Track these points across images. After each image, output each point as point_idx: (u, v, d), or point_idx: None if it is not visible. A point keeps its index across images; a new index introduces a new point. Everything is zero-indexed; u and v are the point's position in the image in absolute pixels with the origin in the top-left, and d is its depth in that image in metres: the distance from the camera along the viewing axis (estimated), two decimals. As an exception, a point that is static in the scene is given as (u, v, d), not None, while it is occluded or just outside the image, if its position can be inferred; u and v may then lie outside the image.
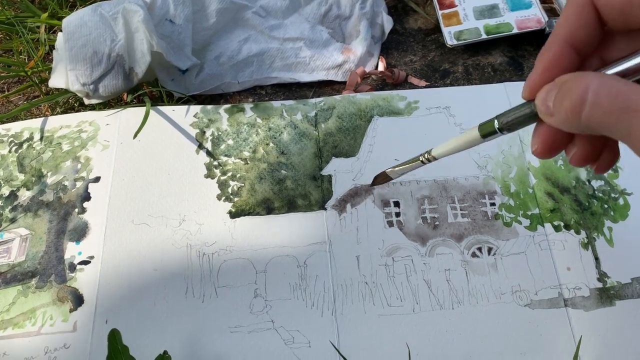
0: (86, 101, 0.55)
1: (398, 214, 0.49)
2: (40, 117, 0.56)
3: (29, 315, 0.45)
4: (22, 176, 0.52)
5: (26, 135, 0.55)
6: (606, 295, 0.44)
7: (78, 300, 0.45)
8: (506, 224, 0.48)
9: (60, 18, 0.60)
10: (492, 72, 0.60)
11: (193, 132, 0.54)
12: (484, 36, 0.60)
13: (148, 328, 0.44)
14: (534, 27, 0.60)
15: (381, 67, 0.60)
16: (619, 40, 0.26)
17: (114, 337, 0.40)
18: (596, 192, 0.49)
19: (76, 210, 0.50)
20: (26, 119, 0.57)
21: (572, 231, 0.47)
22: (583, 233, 0.47)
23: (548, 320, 0.43)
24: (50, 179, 0.52)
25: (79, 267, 0.47)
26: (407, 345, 0.42)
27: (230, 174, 0.51)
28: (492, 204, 0.49)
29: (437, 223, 0.48)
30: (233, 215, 0.49)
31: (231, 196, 0.50)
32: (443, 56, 0.62)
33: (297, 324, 0.44)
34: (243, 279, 0.46)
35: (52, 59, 0.55)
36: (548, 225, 0.48)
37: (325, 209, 0.49)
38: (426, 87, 0.58)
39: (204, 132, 0.54)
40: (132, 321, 0.44)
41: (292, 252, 0.47)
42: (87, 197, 0.50)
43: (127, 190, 0.50)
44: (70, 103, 0.59)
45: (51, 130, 0.55)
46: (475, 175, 0.51)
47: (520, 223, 0.48)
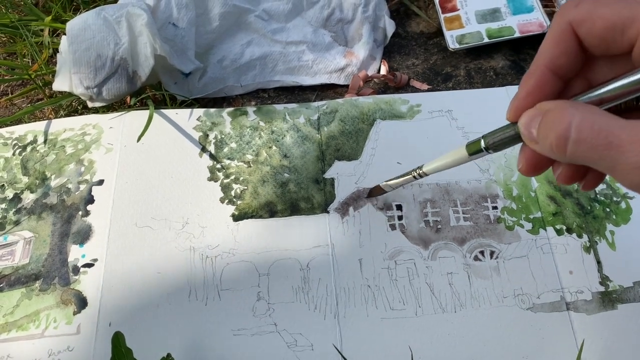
0: (90, 104, 0.55)
1: (400, 217, 0.49)
2: (44, 120, 0.56)
3: (33, 317, 0.45)
4: (26, 179, 0.52)
5: (30, 138, 0.55)
6: (608, 299, 0.44)
7: (82, 302, 0.45)
8: (508, 228, 0.48)
9: (64, 21, 0.60)
10: (494, 76, 0.60)
11: (196, 135, 0.54)
12: (486, 40, 0.60)
13: (151, 331, 0.44)
14: (536, 31, 0.60)
15: (383, 71, 0.60)
16: (602, 65, 0.26)
17: (118, 340, 0.40)
18: (598, 196, 0.50)
19: (80, 213, 0.50)
20: (30, 122, 0.57)
21: (574, 235, 0.48)
22: (585, 237, 0.47)
23: (550, 323, 0.43)
24: (54, 182, 0.52)
25: (83, 270, 0.47)
26: (410, 348, 0.42)
27: (233, 177, 0.51)
28: (495, 208, 0.49)
29: (440, 226, 0.48)
30: (236, 218, 0.49)
31: (234, 199, 0.50)
32: (445, 60, 0.62)
33: (300, 327, 0.44)
34: (246, 282, 0.46)
35: (56, 62, 0.56)
36: (550, 228, 0.48)
37: (327, 212, 0.49)
38: (428, 91, 0.59)
39: (207, 135, 0.54)
40: (136, 324, 0.44)
41: (295, 255, 0.47)
42: (91, 200, 0.50)
43: (131, 193, 0.51)
44: (73, 106, 0.59)
45: (55, 133, 0.55)
46: (477, 178, 0.51)
47: (522, 227, 0.48)
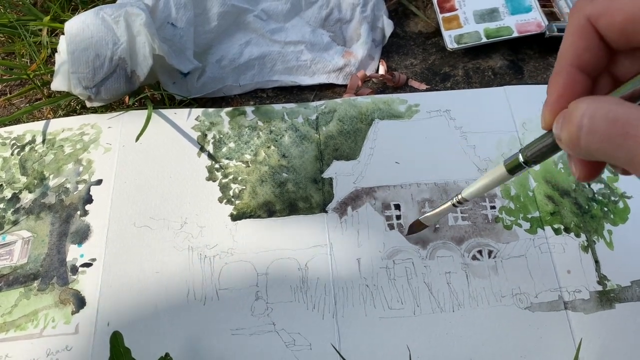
0: (88, 104, 0.55)
1: (399, 217, 0.49)
2: (42, 120, 0.56)
3: (31, 317, 0.45)
4: (25, 179, 0.52)
5: (28, 138, 0.55)
6: (606, 298, 0.45)
7: (80, 302, 0.45)
8: (506, 227, 0.48)
9: (62, 21, 0.60)
10: (493, 76, 0.60)
11: (195, 135, 0.54)
12: (484, 40, 0.60)
13: (150, 330, 0.44)
14: (534, 31, 0.60)
15: (382, 71, 0.60)
16: (624, 59, 0.25)
17: (116, 340, 0.40)
18: (596, 195, 0.50)
19: (78, 212, 0.50)
20: (28, 122, 0.57)
21: (572, 234, 0.48)
22: (583, 236, 0.48)
23: (548, 323, 0.44)
24: (52, 182, 0.52)
25: (81, 270, 0.47)
26: (408, 347, 0.43)
27: (231, 177, 0.51)
28: (493, 207, 0.49)
29: (438, 226, 0.48)
30: (234, 218, 0.49)
31: (232, 199, 0.50)
32: (443, 60, 0.62)
33: (299, 327, 0.44)
34: (244, 282, 0.46)
35: (54, 62, 0.56)
36: (548, 228, 0.48)
37: (326, 212, 0.49)
38: (427, 91, 0.59)
39: (206, 135, 0.54)
40: (134, 323, 0.44)
41: (293, 255, 0.47)
42: (89, 200, 0.50)
43: (129, 192, 0.51)
44: (72, 106, 0.59)
45: (53, 133, 0.55)
46: (475, 178, 0.51)
47: (520, 226, 0.48)
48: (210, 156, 0.53)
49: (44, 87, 0.60)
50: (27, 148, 0.54)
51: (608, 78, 0.26)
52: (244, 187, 0.51)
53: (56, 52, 0.55)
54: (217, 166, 0.52)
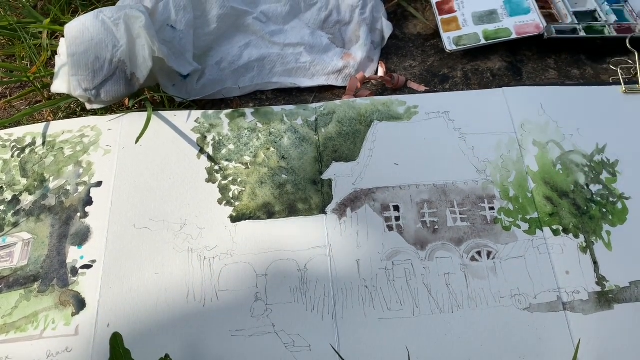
0: (88, 106, 0.55)
1: (398, 218, 0.49)
2: (42, 122, 0.57)
3: (32, 319, 0.45)
4: (25, 181, 0.52)
5: (28, 140, 0.55)
6: (605, 299, 0.45)
7: (80, 304, 0.45)
8: (505, 228, 0.48)
9: (62, 24, 0.61)
10: (491, 77, 0.60)
11: (194, 137, 0.54)
12: (483, 41, 0.61)
13: (150, 331, 0.44)
14: (533, 33, 0.60)
15: (381, 72, 0.61)
16: None
17: (116, 341, 0.40)
18: (594, 197, 0.50)
19: (78, 214, 0.50)
20: (28, 124, 0.57)
21: (571, 235, 0.48)
22: (581, 237, 0.48)
23: (547, 323, 0.44)
24: (52, 184, 0.52)
25: (81, 271, 0.47)
26: (407, 348, 0.43)
27: (231, 179, 0.52)
28: (491, 208, 0.49)
29: (437, 227, 0.49)
30: (234, 219, 0.49)
31: (232, 200, 0.50)
32: (442, 61, 0.62)
33: (298, 328, 0.44)
34: (244, 283, 0.46)
35: (54, 65, 0.56)
36: (547, 229, 0.48)
37: (325, 213, 0.49)
38: (425, 92, 0.59)
39: (205, 137, 0.54)
40: (134, 325, 0.44)
41: (293, 256, 0.47)
42: (89, 202, 0.51)
43: (129, 194, 0.51)
44: (72, 108, 0.59)
45: (53, 135, 0.55)
46: (474, 179, 0.51)
47: (519, 227, 0.48)
48: (209, 158, 0.53)
49: (44, 90, 0.60)
50: (28, 150, 0.54)
51: None
52: (244, 189, 0.51)
53: (56, 55, 0.56)
54: (217, 168, 0.52)
